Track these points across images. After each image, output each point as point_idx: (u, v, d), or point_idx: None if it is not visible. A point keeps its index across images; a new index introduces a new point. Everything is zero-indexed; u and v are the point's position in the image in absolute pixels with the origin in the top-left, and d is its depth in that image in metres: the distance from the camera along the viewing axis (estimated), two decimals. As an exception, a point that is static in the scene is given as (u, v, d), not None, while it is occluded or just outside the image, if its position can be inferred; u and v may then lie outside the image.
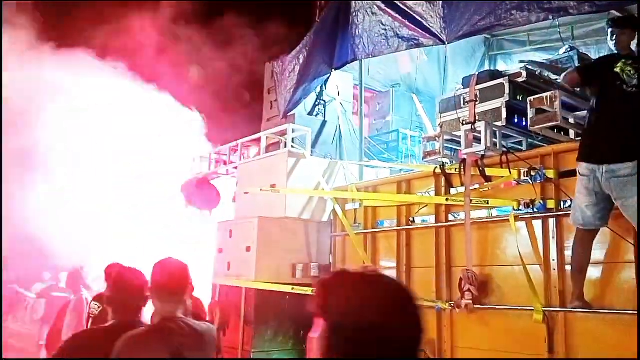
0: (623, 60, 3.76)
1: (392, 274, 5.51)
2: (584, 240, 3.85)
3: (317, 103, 7.75)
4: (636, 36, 3.96)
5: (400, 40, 6.46)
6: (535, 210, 4.43)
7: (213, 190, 8.48)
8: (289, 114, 7.40)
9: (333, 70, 7.09)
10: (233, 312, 6.18)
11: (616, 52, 3.94)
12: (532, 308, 4.17)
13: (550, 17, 4.85)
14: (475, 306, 4.56)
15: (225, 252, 6.62)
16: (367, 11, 6.84)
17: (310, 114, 7.69)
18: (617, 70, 3.73)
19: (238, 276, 6.22)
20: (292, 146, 6.80)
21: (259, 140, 7.41)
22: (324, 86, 7.65)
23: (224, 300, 6.42)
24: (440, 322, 4.94)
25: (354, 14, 6.92)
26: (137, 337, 2.37)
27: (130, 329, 2.41)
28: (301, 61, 7.57)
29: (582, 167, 3.75)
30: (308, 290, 5.88)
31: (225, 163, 8.19)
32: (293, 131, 6.92)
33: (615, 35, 3.93)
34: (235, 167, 7.83)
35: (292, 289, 5.89)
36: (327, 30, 7.30)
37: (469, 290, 4.56)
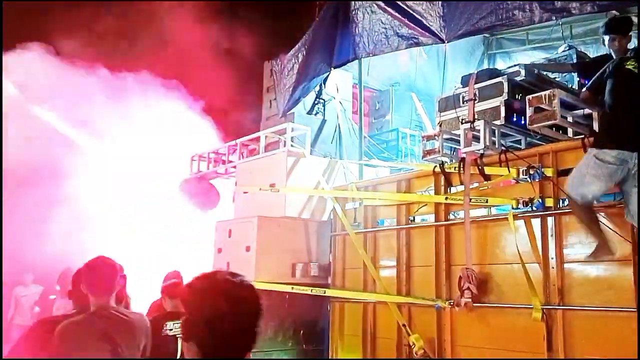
0: (633, 59, 3.83)
1: (391, 272, 5.53)
2: (585, 207, 3.86)
3: (316, 102, 7.75)
4: (632, 37, 4.01)
5: (400, 39, 6.47)
6: (534, 208, 4.44)
7: (212, 189, 8.48)
8: (288, 112, 7.40)
9: (332, 68, 7.08)
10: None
11: (614, 55, 4.00)
12: (531, 306, 4.18)
13: (553, 18, 4.85)
14: (475, 304, 4.56)
15: (224, 252, 6.61)
16: (366, 10, 6.83)
17: (309, 112, 7.69)
18: (630, 67, 3.81)
19: (238, 276, 6.22)
20: (292, 145, 6.80)
21: (258, 139, 7.41)
22: (323, 85, 7.64)
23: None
24: (440, 320, 4.95)
25: (354, 13, 6.91)
26: (71, 323, 2.78)
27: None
28: (300, 60, 7.57)
29: (611, 155, 3.69)
30: (307, 290, 5.89)
31: (224, 162, 8.18)
32: (292, 130, 6.92)
33: (616, 41, 4.00)
34: (234, 167, 7.83)
35: (292, 288, 5.91)
36: (327, 29, 7.29)
37: (468, 288, 4.56)
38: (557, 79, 5.26)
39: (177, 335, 5.12)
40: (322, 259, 6.45)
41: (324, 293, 5.91)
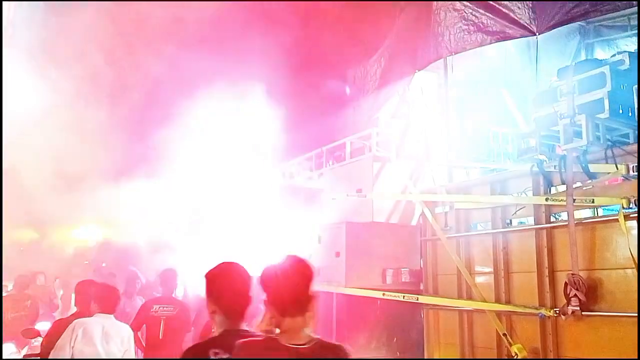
0: None
1: (488, 279, 5.28)
2: None
3: (400, 105, 7.63)
4: None
5: (484, 34, 6.28)
6: (648, 208, 4.06)
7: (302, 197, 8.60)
8: (373, 117, 7.36)
9: (416, 71, 6.96)
10: (324, 318, 6.22)
11: None
12: (650, 315, 3.81)
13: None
14: (583, 313, 4.24)
15: (314, 258, 6.67)
16: (448, 8, 6.69)
17: (394, 116, 7.59)
18: None
19: (328, 282, 6.25)
20: (377, 150, 6.75)
21: (343, 145, 7.43)
22: (407, 87, 7.52)
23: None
24: (544, 330, 4.64)
25: (436, 12, 6.79)
26: None
27: None
28: (383, 64, 7.53)
29: None
30: (399, 296, 5.78)
31: (311, 169, 8.28)
32: (377, 135, 6.87)
33: None
34: (321, 174, 7.90)
35: (383, 294, 5.82)
36: (408, 32, 7.23)
37: (575, 295, 4.25)
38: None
39: None
40: (413, 264, 6.32)
41: (417, 300, 5.77)
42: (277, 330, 2.06)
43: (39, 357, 4.38)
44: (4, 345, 5.83)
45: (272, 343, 2.01)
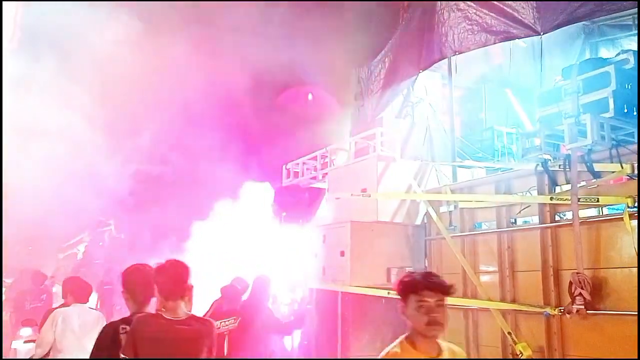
0: None
1: (493, 278, 5.30)
2: None
3: (405, 105, 7.65)
4: None
5: (488, 34, 6.27)
6: (653, 207, 4.07)
7: (306, 196, 8.66)
8: (377, 117, 7.38)
9: (420, 71, 6.97)
10: (329, 316, 6.24)
11: None
12: (655, 313, 3.82)
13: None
14: (588, 312, 4.25)
15: (319, 257, 6.70)
16: (452, 8, 6.69)
17: (398, 116, 7.61)
18: None
19: (333, 281, 6.27)
20: (382, 150, 6.76)
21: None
22: (411, 87, 7.53)
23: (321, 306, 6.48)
24: (549, 328, 4.66)
25: (440, 13, 6.79)
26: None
27: None
28: (387, 65, 7.55)
29: None
30: (404, 295, 5.79)
31: (315, 169, 8.31)
32: (381, 134, 6.88)
33: None
34: (326, 173, 7.92)
35: (388, 293, 5.82)
36: (412, 32, 7.23)
37: (580, 294, 4.26)
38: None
39: (224, 332, 5.26)
40: (417, 263, 6.33)
41: (422, 299, 5.77)
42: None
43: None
44: (23, 329, 6.58)
45: (159, 317, 2.86)
